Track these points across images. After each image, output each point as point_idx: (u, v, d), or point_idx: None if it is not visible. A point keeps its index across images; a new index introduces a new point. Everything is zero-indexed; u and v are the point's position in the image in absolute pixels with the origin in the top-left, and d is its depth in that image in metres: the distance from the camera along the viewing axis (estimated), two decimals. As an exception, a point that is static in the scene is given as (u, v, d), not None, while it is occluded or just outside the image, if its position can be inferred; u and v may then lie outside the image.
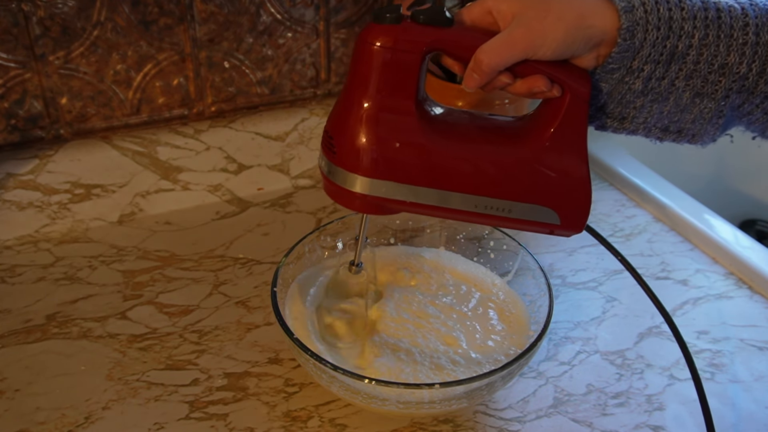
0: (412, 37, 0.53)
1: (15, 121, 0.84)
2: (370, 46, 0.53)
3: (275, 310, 0.64)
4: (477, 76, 0.54)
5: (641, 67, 0.54)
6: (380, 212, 0.58)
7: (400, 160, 0.55)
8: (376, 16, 0.53)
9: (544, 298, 0.68)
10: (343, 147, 0.55)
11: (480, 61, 0.53)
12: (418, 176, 0.55)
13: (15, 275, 0.81)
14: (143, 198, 0.90)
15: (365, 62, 0.53)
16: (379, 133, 0.54)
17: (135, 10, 0.83)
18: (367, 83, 0.54)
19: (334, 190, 0.57)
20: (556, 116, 0.55)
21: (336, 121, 0.56)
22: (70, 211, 0.87)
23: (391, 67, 0.53)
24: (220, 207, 0.93)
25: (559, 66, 0.54)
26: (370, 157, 0.54)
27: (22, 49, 0.80)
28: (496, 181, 0.56)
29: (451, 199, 0.56)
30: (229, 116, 0.95)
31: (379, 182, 0.55)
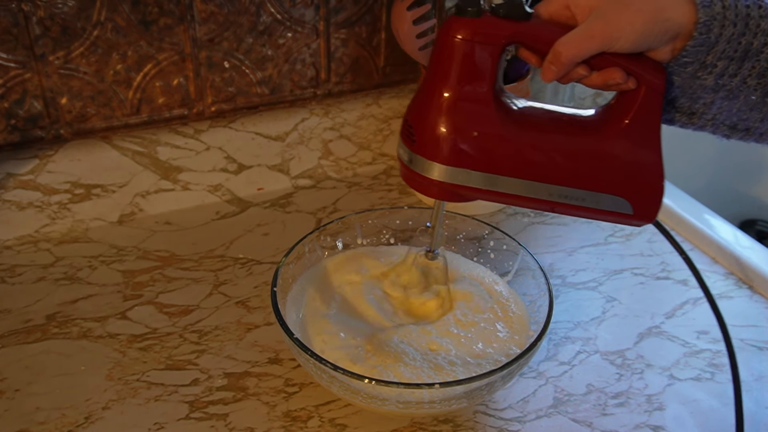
0: (492, 30, 0.54)
1: (15, 121, 0.84)
2: (452, 39, 0.54)
3: (275, 310, 0.64)
4: (555, 68, 0.54)
5: (714, 62, 0.54)
6: (456, 199, 0.60)
7: (478, 148, 0.56)
8: (459, 9, 0.54)
9: (544, 298, 0.68)
10: (423, 135, 0.57)
11: (559, 53, 0.54)
12: (495, 165, 0.57)
13: (15, 275, 0.81)
14: (143, 198, 0.90)
15: (447, 54, 0.55)
16: (458, 123, 0.56)
17: (135, 10, 0.83)
18: (448, 74, 0.55)
19: (412, 177, 0.59)
20: (631, 108, 0.56)
21: (416, 110, 0.58)
22: (70, 211, 0.87)
23: (472, 58, 0.55)
24: (220, 207, 0.93)
25: (634, 59, 0.54)
26: (449, 146, 0.56)
27: (22, 49, 0.80)
28: (570, 171, 0.57)
29: (526, 188, 0.57)
30: (229, 116, 0.95)
31: (456, 170, 0.57)
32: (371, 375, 0.62)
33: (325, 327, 0.69)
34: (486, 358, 0.67)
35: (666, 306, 0.80)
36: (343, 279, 0.74)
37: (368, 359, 0.65)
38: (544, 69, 0.55)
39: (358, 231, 0.78)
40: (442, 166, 0.57)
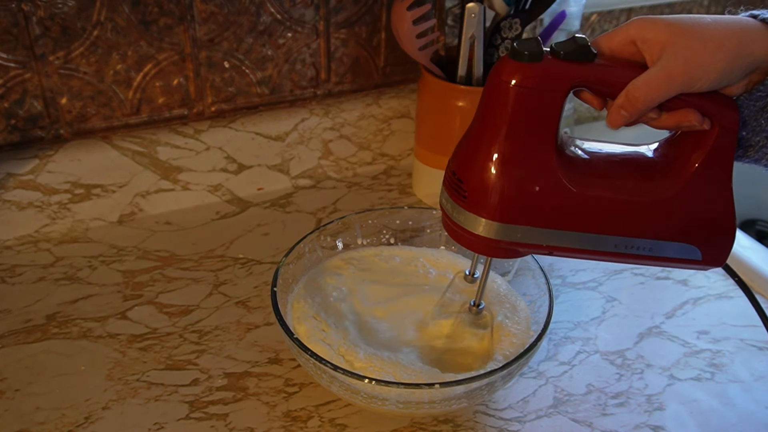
0: (555, 76, 0.50)
1: (15, 121, 0.84)
2: (507, 85, 0.50)
3: (275, 311, 0.64)
4: (626, 113, 0.50)
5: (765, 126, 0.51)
6: (510, 256, 0.56)
7: (539, 204, 0.52)
8: (515, 52, 0.49)
9: (544, 298, 0.68)
10: (476, 192, 0.52)
11: (635, 98, 0.49)
12: (557, 220, 0.53)
13: (15, 275, 0.81)
14: (143, 198, 0.90)
15: (503, 102, 0.50)
16: (519, 179, 0.51)
17: (135, 10, 0.83)
18: (504, 125, 0.51)
19: (461, 233, 0.55)
20: (702, 149, 0.52)
21: (467, 163, 0.53)
22: (70, 211, 0.87)
23: (533, 107, 0.50)
24: (220, 207, 0.93)
25: (707, 96, 0.51)
26: (507, 203, 0.52)
27: (22, 49, 0.80)
28: (636, 221, 0.53)
29: (588, 241, 0.53)
30: (229, 116, 0.95)
31: (513, 227, 0.53)
32: (370, 374, 0.62)
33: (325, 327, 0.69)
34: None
35: (666, 306, 0.80)
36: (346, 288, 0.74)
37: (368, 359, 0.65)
38: (613, 113, 0.51)
39: (358, 231, 0.78)
40: (497, 224, 0.52)
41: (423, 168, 0.93)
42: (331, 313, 0.70)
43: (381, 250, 0.78)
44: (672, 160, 0.54)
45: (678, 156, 0.54)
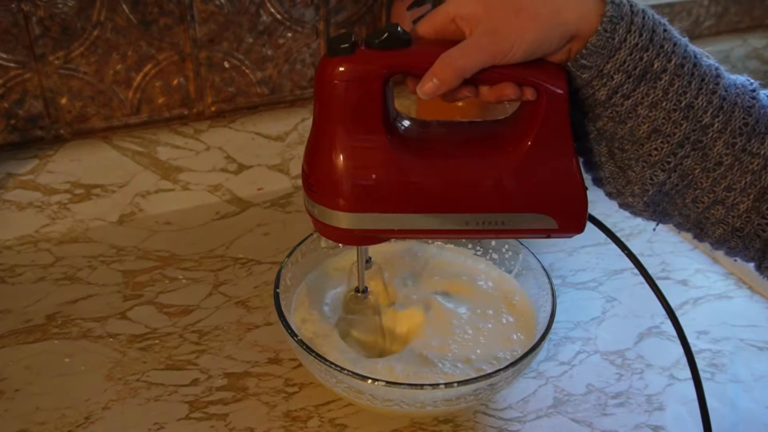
0: (368, 66, 0.51)
1: (15, 121, 0.84)
2: (327, 82, 0.51)
3: (278, 312, 0.64)
4: (437, 80, 0.50)
5: (612, 74, 0.50)
6: (373, 242, 0.58)
7: (380, 190, 0.53)
8: (330, 48, 0.51)
9: (546, 297, 0.68)
10: (322, 185, 0.54)
11: (445, 65, 0.49)
12: (401, 203, 0.54)
13: (15, 275, 0.81)
14: (143, 198, 0.90)
15: (326, 97, 0.52)
16: (355, 168, 0.53)
17: (135, 10, 0.83)
18: (332, 118, 0.53)
19: (321, 227, 0.57)
20: (536, 119, 0.52)
21: (311, 158, 0.55)
22: (70, 211, 0.87)
23: (353, 98, 0.51)
24: (220, 207, 0.93)
25: (530, 66, 0.51)
26: (348, 193, 0.53)
27: (22, 49, 0.80)
28: (483, 196, 0.54)
29: (440, 221, 0.54)
30: (229, 116, 0.95)
31: (362, 216, 0.54)
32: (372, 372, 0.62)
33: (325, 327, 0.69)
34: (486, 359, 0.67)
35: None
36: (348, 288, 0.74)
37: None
38: (424, 80, 0.50)
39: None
40: (347, 214, 0.54)
41: (423, 168, 0.93)
42: (333, 314, 0.70)
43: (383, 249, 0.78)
44: (510, 133, 0.55)
45: (515, 128, 0.54)
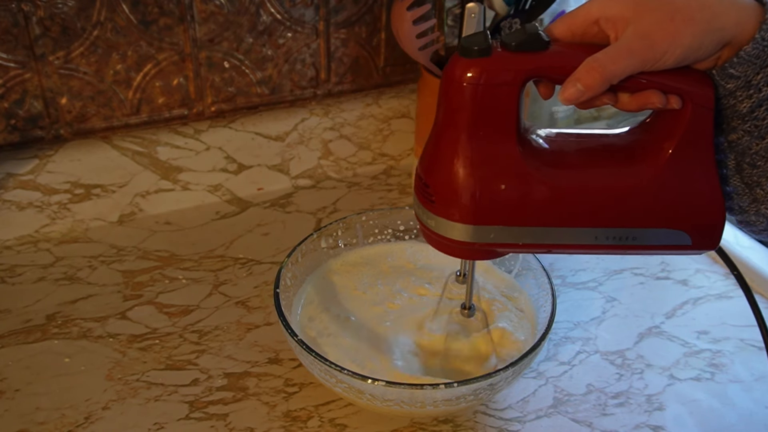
0: (506, 69, 0.48)
1: (15, 121, 0.84)
2: (459, 84, 0.48)
3: (278, 312, 0.64)
4: (582, 85, 0.46)
5: (761, 86, 0.46)
6: (490, 257, 0.55)
7: (509, 202, 0.50)
8: (463, 49, 0.47)
9: (546, 297, 0.68)
10: (443, 195, 0.50)
11: (591, 69, 0.46)
12: (529, 216, 0.50)
13: (15, 275, 0.81)
14: (143, 198, 0.90)
15: (457, 101, 0.49)
16: (483, 178, 0.49)
17: (135, 10, 0.83)
18: (461, 123, 0.49)
19: (436, 239, 0.53)
20: (677, 129, 0.49)
21: (431, 166, 0.51)
22: (70, 211, 0.87)
23: (489, 103, 0.48)
24: (220, 207, 0.93)
25: (675, 74, 0.48)
26: (474, 204, 0.50)
27: (22, 49, 0.80)
28: (615, 211, 0.51)
29: (568, 235, 0.51)
30: (229, 116, 0.95)
31: (486, 228, 0.51)
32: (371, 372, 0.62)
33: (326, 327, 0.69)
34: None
35: (666, 306, 0.80)
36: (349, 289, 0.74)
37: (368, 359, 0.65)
38: (567, 85, 0.47)
39: (359, 231, 0.78)
40: (468, 227, 0.50)
41: (423, 168, 0.93)
42: (334, 314, 0.70)
43: (383, 249, 0.78)
44: (648, 143, 0.51)
45: (654, 138, 0.51)
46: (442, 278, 0.75)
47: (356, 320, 0.70)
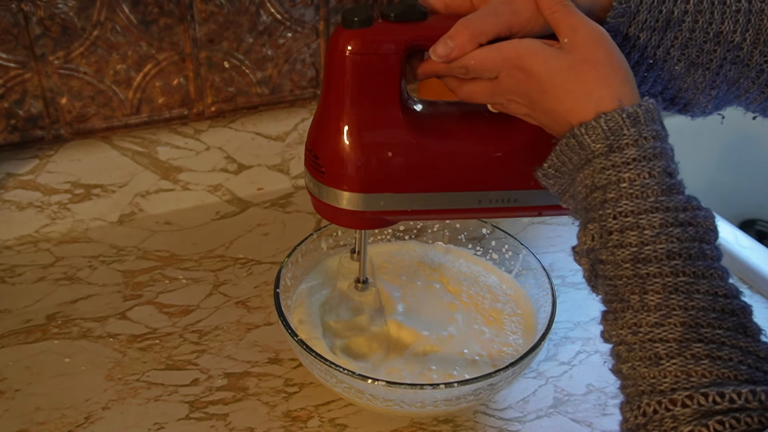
0: (387, 38, 0.49)
1: (15, 121, 0.84)
2: (342, 54, 0.49)
3: (278, 312, 0.64)
4: (452, 43, 0.49)
5: (637, 34, 0.50)
6: (380, 226, 0.56)
7: (395, 169, 0.52)
8: (345, 20, 0.49)
9: (546, 297, 0.68)
10: (332, 165, 0.52)
11: (463, 26, 0.48)
12: (416, 182, 0.53)
13: (15, 275, 0.81)
14: (143, 198, 0.90)
15: (340, 71, 0.50)
16: (370, 146, 0.51)
17: (135, 10, 0.83)
18: (347, 94, 0.51)
19: (327, 210, 0.55)
20: None
21: (319, 137, 0.53)
22: (70, 211, 0.87)
23: (370, 72, 0.50)
24: (220, 207, 0.93)
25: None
26: (363, 172, 0.51)
27: (22, 49, 0.80)
28: (496, 174, 0.53)
29: (453, 200, 0.54)
30: (229, 116, 0.95)
31: (376, 196, 0.52)
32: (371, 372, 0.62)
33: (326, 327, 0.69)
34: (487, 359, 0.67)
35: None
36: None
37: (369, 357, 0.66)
38: (438, 42, 0.49)
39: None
40: (359, 195, 0.52)
41: (423, 168, 0.93)
42: (334, 315, 0.70)
43: (383, 249, 0.78)
44: None
45: None
46: (444, 278, 0.75)
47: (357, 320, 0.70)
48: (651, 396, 0.41)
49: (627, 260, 0.43)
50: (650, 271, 0.43)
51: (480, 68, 0.50)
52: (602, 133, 0.45)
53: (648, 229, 0.43)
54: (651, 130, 0.45)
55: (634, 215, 0.43)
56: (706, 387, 0.40)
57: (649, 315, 0.42)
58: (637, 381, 0.42)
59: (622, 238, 0.44)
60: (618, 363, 0.45)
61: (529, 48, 0.48)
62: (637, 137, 0.44)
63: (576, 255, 0.48)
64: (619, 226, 0.44)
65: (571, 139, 0.46)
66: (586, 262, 0.47)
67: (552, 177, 0.49)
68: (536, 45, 0.48)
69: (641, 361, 0.42)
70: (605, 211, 0.44)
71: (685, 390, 0.40)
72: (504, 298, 0.73)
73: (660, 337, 0.42)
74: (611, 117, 0.44)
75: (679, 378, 0.41)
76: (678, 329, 0.42)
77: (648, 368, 0.42)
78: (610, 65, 0.46)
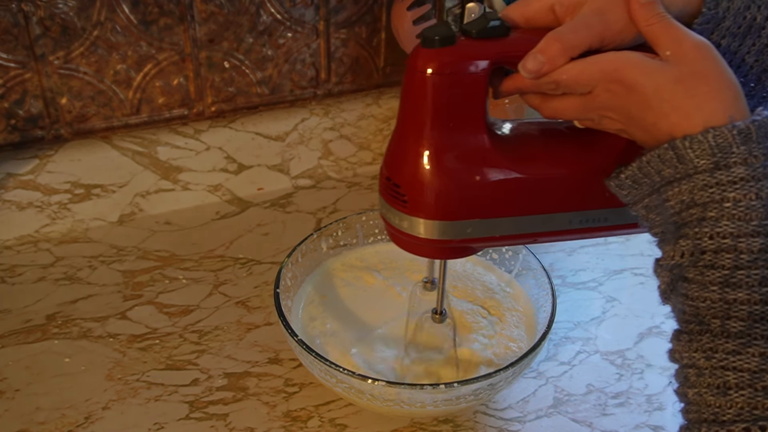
0: (472, 56, 0.47)
1: (15, 121, 0.84)
2: (422, 75, 0.47)
3: (278, 312, 0.64)
4: (543, 57, 0.46)
5: (718, 41, 0.48)
6: (464, 255, 0.53)
7: (483, 194, 0.49)
8: (426, 39, 0.47)
9: (546, 297, 0.68)
10: (416, 194, 0.49)
11: (553, 40, 0.46)
12: (505, 207, 0.50)
13: (15, 275, 0.81)
14: (143, 198, 0.90)
15: (422, 93, 0.47)
16: (457, 171, 0.49)
17: (135, 10, 0.83)
18: (429, 117, 0.48)
19: (407, 240, 0.52)
20: None
21: (399, 165, 0.50)
22: (70, 211, 0.87)
23: (454, 93, 0.47)
24: (220, 207, 0.93)
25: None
26: (450, 199, 0.49)
27: (22, 49, 0.80)
28: (587, 192, 0.51)
29: (543, 222, 0.51)
30: (229, 116, 0.95)
31: (463, 223, 0.50)
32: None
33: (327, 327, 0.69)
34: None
35: (666, 306, 0.80)
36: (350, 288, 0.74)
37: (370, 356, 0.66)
38: (527, 57, 0.47)
39: (359, 231, 0.78)
40: (445, 223, 0.49)
41: (423, 168, 0.93)
42: (333, 314, 0.70)
43: (383, 249, 0.78)
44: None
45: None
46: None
47: (357, 320, 0.70)
48: (710, 425, 0.40)
49: (716, 282, 0.42)
50: (738, 297, 0.41)
51: (573, 83, 0.47)
52: (708, 149, 0.42)
53: (746, 253, 0.41)
54: (763, 148, 0.42)
55: (734, 237, 0.41)
56: (765, 420, 0.39)
57: (728, 342, 0.41)
58: (701, 408, 0.41)
59: (716, 259, 0.42)
60: (684, 386, 0.43)
61: (630, 60, 0.45)
62: (747, 156, 0.42)
63: (658, 267, 0.46)
64: (714, 247, 0.42)
65: (669, 151, 0.44)
66: (667, 276, 0.45)
67: (627, 188, 0.47)
68: (638, 57, 0.46)
69: (709, 388, 0.41)
70: (702, 230, 0.42)
71: (744, 422, 0.39)
72: (504, 297, 0.73)
73: (734, 365, 0.41)
74: (720, 132, 0.42)
75: (743, 411, 0.40)
76: (755, 359, 0.40)
77: (715, 396, 0.41)
78: (720, 78, 0.44)
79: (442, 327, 0.64)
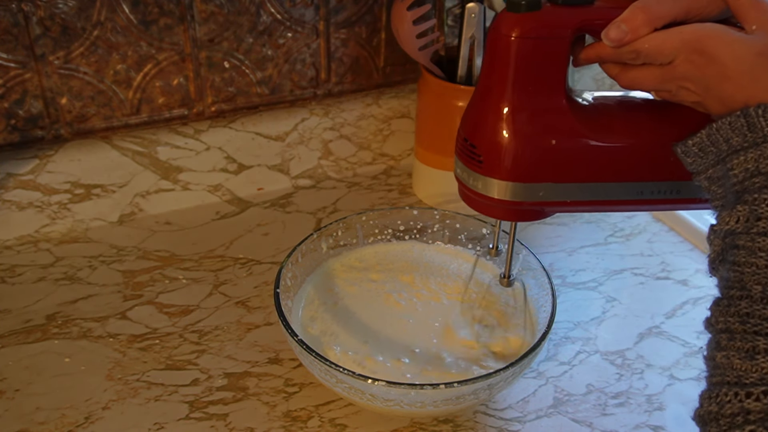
0: (555, 22, 0.48)
1: (15, 121, 0.84)
2: (507, 38, 0.48)
3: (278, 312, 0.64)
4: (626, 26, 0.46)
5: None
6: (534, 218, 0.55)
7: (559, 158, 0.50)
8: (511, 4, 0.48)
9: (546, 297, 0.68)
10: (492, 155, 0.50)
11: (638, 10, 0.46)
12: (578, 172, 0.51)
13: (15, 275, 0.81)
14: (143, 198, 0.90)
15: (505, 56, 0.49)
16: (534, 134, 0.50)
17: (135, 10, 0.83)
18: (511, 80, 0.49)
19: (479, 201, 0.53)
20: None
21: (478, 126, 0.51)
22: (70, 211, 0.87)
23: (537, 57, 0.48)
24: (220, 207, 0.93)
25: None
26: (526, 162, 0.50)
27: (22, 49, 0.80)
28: (661, 163, 0.51)
29: (614, 190, 0.52)
30: (229, 116, 0.95)
31: (536, 186, 0.51)
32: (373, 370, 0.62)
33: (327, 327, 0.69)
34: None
35: (666, 306, 0.80)
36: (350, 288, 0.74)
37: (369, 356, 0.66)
38: (611, 26, 0.47)
39: (359, 231, 0.78)
40: (518, 185, 0.50)
41: (423, 168, 0.93)
42: (333, 314, 0.70)
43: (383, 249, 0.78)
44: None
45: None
46: (443, 278, 0.75)
47: (357, 320, 0.70)
48: (731, 387, 0.41)
49: (765, 249, 0.42)
50: None
51: (654, 53, 0.47)
52: None
53: None
54: None
55: None
56: None
57: (765, 308, 0.41)
58: (726, 371, 0.42)
59: None
60: (714, 350, 0.43)
61: (714, 32, 0.45)
62: None
63: (712, 234, 0.46)
64: None
65: (741, 118, 0.44)
66: (719, 244, 0.45)
67: (692, 155, 0.47)
68: (721, 29, 0.46)
69: (738, 351, 0.41)
70: (762, 196, 0.42)
71: (765, 386, 0.39)
72: (504, 297, 0.73)
73: (767, 331, 0.41)
74: None
75: (766, 375, 0.40)
76: None
77: (742, 360, 0.41)
78: None
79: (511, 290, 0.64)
